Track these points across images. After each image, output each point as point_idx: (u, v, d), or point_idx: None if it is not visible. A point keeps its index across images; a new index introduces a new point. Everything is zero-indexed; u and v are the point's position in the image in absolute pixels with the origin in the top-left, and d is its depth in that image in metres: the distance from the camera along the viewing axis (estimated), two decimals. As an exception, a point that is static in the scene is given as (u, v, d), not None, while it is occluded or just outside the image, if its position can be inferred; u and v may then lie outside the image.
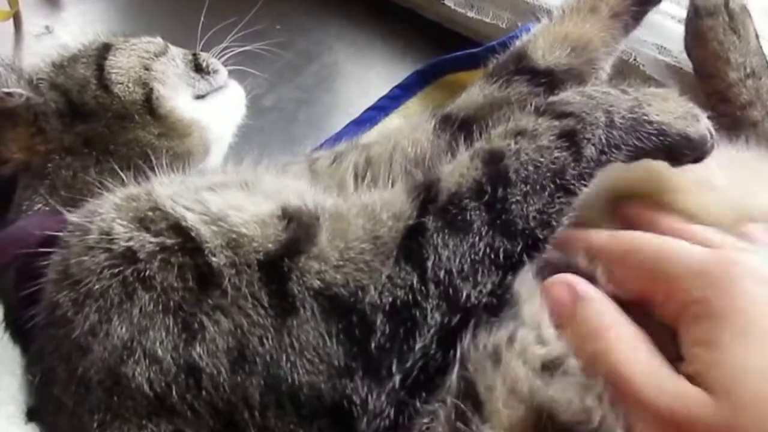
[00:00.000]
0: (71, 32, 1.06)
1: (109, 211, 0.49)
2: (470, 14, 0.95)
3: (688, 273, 0.45)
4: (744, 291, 0.43)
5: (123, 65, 0.63)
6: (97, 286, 0.46)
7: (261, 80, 0.92)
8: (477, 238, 0.46)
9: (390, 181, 0.61)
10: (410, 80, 0.93)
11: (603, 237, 0.51)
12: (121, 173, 0.54)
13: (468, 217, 0.47)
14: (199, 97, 0.67)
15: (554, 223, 0.48)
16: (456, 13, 0.97)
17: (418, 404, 0.44)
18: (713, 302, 0.43)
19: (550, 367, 0.45)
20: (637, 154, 0.51)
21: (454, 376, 0.45)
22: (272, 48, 0.86)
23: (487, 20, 0.93)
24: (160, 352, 0.44)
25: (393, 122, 0.90)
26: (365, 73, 1.03)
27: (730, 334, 0.41)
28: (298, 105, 0.97)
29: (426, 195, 0.48)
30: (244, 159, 0.61)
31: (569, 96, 0.53)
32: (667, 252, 0.47)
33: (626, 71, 0.79)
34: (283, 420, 0.43)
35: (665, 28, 0.83)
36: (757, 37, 0.77)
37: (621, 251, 0.50)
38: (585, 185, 0.49)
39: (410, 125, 0.68)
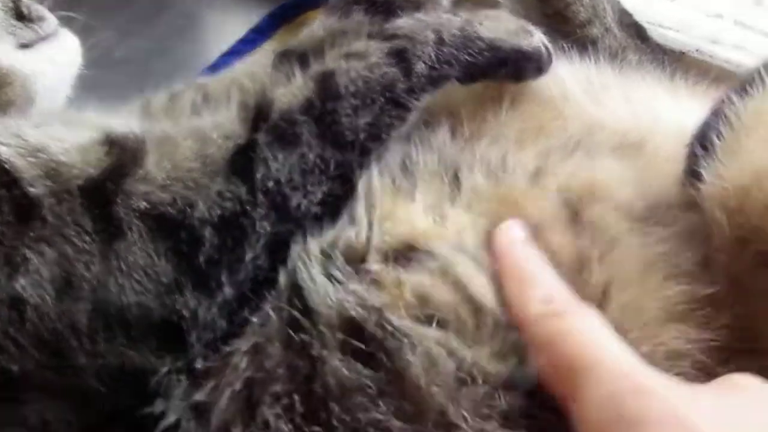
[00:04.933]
0: None
1: None
2: (322, -48, 0.97)
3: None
4: None
5: None
6: None
7: (110, 32, 0.90)
8: (307, 149, 0.50)
9: None
10: (264, 23, 0.95)
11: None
12: None
13: (298, 131, 0.50)
14: (24, 46, 0.66)
15: (384, 136, 0.52)
16: (309, -47, 0.98)
17: (246, 314, 0.47)
18: None
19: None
20: (473, 72, 0.55)
21: (283, 284, 0.48)
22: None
23: (339, -43, 0.95)
24: None
25: (247, 66, 0.91)
26: (221, 19, 1.03)
27: None
28: (151, 56, 0.97)
29: (257, 114, 0.51)
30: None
31: (400, 21, 0.58)
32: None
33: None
34: (113, 343, 0.44)
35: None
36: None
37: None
38: (417, 99, 0.53)
39: (250, 62, 0.70)
